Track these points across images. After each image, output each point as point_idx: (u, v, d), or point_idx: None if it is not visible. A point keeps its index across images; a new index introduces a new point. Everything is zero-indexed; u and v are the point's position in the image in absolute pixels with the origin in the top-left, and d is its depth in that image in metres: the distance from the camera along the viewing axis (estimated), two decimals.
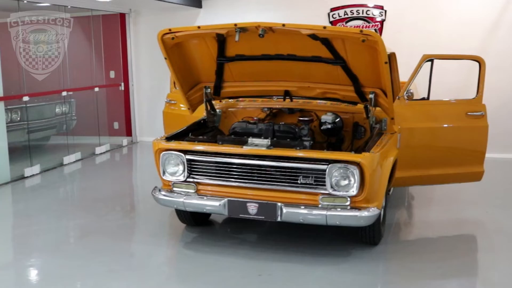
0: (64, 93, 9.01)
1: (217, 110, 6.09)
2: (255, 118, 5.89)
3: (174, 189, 5.15)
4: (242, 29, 4.85)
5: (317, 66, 5.31)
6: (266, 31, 4.77)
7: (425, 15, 9.39)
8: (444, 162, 6.03)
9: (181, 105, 7.16)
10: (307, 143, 5.05)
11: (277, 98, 6.05)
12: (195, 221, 5.68)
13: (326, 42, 4.88)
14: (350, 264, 4.87)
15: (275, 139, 5.06)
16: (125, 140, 10.66)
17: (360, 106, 5.64)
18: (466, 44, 8.91)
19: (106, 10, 9.91)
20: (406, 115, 5.80)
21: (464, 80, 8.75)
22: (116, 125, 10.86)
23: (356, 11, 9.78)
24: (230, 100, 6.25)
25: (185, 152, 5.03)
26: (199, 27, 5.02)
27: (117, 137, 10.68)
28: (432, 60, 6.10)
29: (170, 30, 5.08)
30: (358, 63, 5.09)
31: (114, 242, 5.41)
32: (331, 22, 9.87)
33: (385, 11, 9.62)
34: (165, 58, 5.32)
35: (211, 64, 5.57)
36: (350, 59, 5.06)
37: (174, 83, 7.22)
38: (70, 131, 9.60)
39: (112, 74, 10.59)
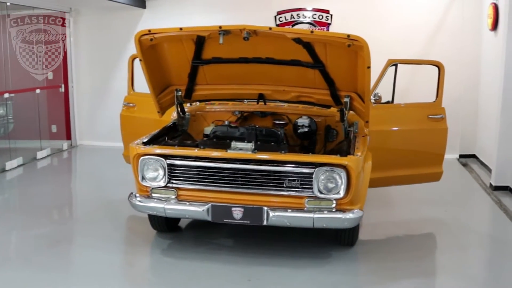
0: (6, 95, 8.50)
1: (186, 114, 5.96)
2: (225, 122, 5.84)
3: (153, 195, 4.98)
4: (226, 32, 4.80)
5: (293, 69, 5.33)
6: (251, 34, 4.74)
7: (369, 20, 9.64)
8: (407, 163, 6.23)
9: (134, 108, 6.97)
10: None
11: (248, 101, 6.03)
12: (168, 227, 5.55)
13: (308, 46, 4.92)
14: (333, 265, 4.93)
15: (258, 143, 5.02)
16: (65, 144, 10.21)
17: (333, 109, 5.73)
18: (409, 48, 9.21)
19: (46, 8, 9.44)
20: (373, 118, 5.93)
21: (408, 83, 9.09)
22: (54, 128, 10.36)
23: (303, 15, 9.91)
24: (197, 103, 6.15)
25: (166, 156, 4.89)
26: (181, 28, 4.90)
27: (57, 140, 10.20)
28: (396, 65, 6.30)
29: (149, 31, 4.93)
30: (337, 67, 5.16)
31: (88, 251, 5.17)
32: (277, 25, 9.91)
33: (331, 15, 9.81)
34: (140, 60, 5.15)
35: (184, 67, 5.46)
36: (329, 63, 5.12)
37: (132, 85, 7.05)
38: (8, 135, 9.05)
39: (50, 75, 10.09)
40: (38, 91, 9.40)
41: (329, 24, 9.83)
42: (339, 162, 4.63)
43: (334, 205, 4.70)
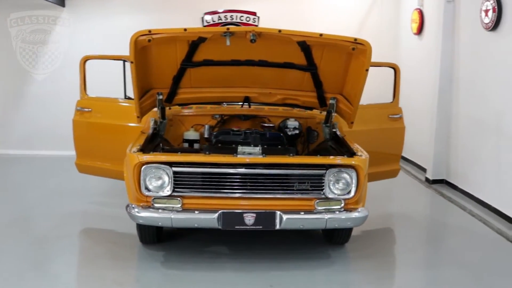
0: None
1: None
2: (205, 126, 5.73)
3: (155, 205, 4.69)
4: (231, 34, 4.69)
5: (281, 72, 5.35)
6: (256, 36, 4.68)
7: (296, 23, 9.71)
8: (371, 161, 6.47)
9: (89, 113, 6.52)
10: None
11: (227, 104, 5.92)
12: (158, 238, 5.27)
13: (307, 48, 4.95)
14: (340, 265, 5.03)
15: (265, 146, 4.95)
16: None
17: (314, 111, 5.82)
18: None
19: None
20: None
21: None
22: None
23: (230, 16, 9.88)
24: (169, 107, 5.90)
25: (171, 164, 4.63)
26: (185, 29, 4.70)
27: None
28: None
29: (150, 31, 4.66)
30: (328, 69, 5.25)
31: (84, 270, 4.78)
32: (204, 26, 9.79)
33: (258, 17, 9.88)
34: (132, 63, 4.84)
35: (170, 69, 5.27)
36: (322, 66, 5.19)
37: (85, 88, 6.57)
38: None
39: None
40: None
41: (256, 26, 9.89)
42: (349, 163, 4.72)
43: (342, 205, 4.77)
